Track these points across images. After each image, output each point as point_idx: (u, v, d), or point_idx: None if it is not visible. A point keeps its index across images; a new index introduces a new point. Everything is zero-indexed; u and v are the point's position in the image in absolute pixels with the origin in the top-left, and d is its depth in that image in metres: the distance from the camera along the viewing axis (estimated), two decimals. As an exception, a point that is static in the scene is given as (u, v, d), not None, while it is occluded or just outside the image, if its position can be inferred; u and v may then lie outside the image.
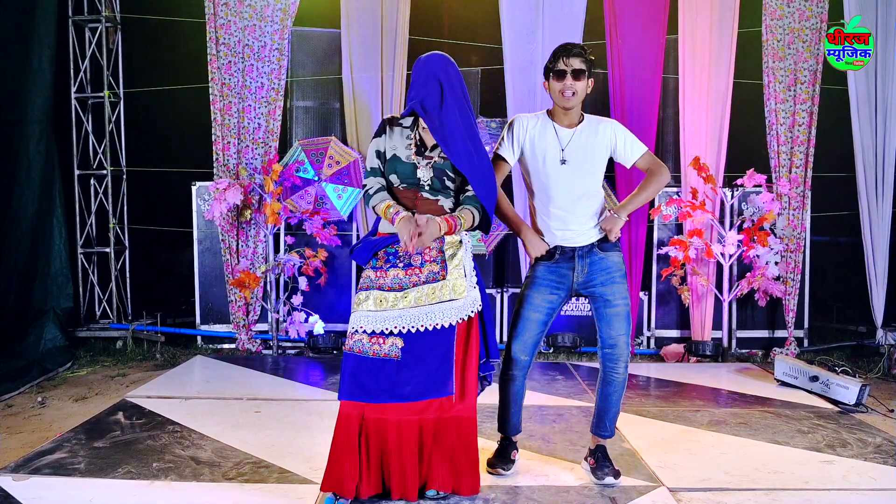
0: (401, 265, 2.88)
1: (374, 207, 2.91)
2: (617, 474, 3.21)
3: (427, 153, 2.92)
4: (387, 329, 2.82)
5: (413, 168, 2.89)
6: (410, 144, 2.92)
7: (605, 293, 3.13)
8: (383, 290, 2.86)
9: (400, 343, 2.82)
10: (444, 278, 2.88)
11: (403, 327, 2.82)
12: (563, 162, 3.11)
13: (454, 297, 2.87)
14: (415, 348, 2.82)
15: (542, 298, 3.17)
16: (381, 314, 2.83)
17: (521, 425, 3.35)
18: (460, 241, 2.97)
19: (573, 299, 5.92)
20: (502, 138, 3.22)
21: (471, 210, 2.92)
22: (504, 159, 3.18)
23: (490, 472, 3.25)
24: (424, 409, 2.85)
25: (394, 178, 2.92)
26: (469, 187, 2.94)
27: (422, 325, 2.82)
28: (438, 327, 2.84)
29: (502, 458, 3.30)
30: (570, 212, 3.13)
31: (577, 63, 3.05)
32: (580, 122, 3.17)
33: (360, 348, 2.83)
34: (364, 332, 2.83)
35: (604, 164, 3.19)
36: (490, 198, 2.94)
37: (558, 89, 3.07)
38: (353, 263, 6.05)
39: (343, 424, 2.85)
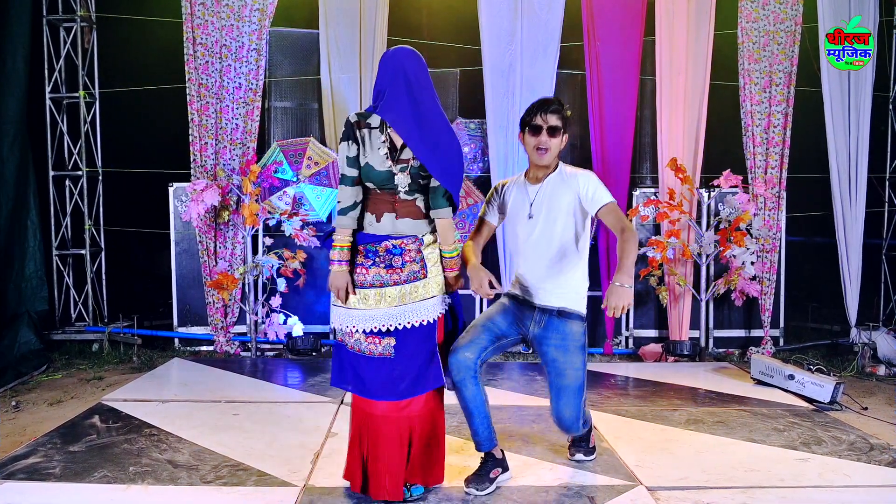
0: (382, 265, 2.92)
1: (335, 230, 2.96)
2: (590, 451, 3.44)
3: (400, 157, 2.90)
4: (379, 327, 2.89)
5: (389, 175, 2.88)
6: (382, 149, 2.88)
7: (558, 360, 3.09)
8: (364, 288, 2.91)
9: (393, 342, 2.90)
10: (424, 276, 2.94)
11: (398, 325, 2.89)
12: (530, 216, 3.13)
13: (435, 294, 2.96)
14: (405, 346, 2.90)
15: (500, 318, 3.19)
16: (368, 312, 2.90)
17: (491, 438, 3.12)
18: (435, 240, 3.02)
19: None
20: (486, 203, 3.32)
21: (446, 219, 2.95)
22: (487, 222, 3.30)
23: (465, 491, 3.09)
24: (412, 404, 2.93)
25: (370, 184, 2.93)
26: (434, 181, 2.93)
27: (409, 322, 2.89)
28: (425, 323, 2.91)
29: (477, 477, 3.10)
30: (536, 269, 3.15)
31: (553, 120, 3.06)
32: (551, 173, 3.16)
33: (359, 347, 2.92)
34: (363, 331, 2.91)
35: (571, 215, 3.11)
36: (456, 184, 2.92)
37: (533, 144, 3.10)
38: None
39: (356, 418, 3.00)
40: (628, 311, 6.11)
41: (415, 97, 2.79)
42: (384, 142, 2.88)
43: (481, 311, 6.10)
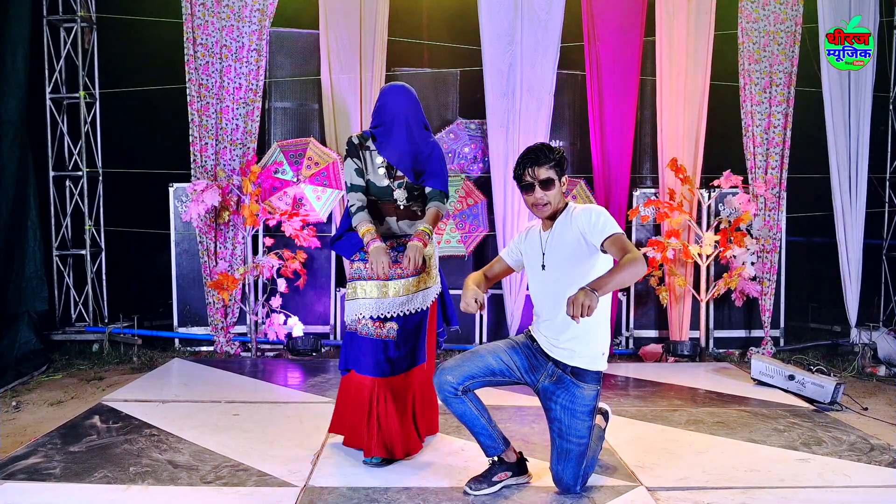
0: None
1: (355, 226, 3.41)
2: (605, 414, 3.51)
3: (396, 174, 3.44)
4: (385, 314, 3.40)
5: (389, 190, 3.45)
6: (381, 169, 3.43)
7: (563, 421, 3.00)
8: (373, 281, 3.41)
9: (395, 326, 3.41)
10: (423, 270, 3.47)
11: (399, 313, 3.41)
12: (543, 267, 3.02)
13: (431, 285, 3.51)
14: (405, 329, 3.43)
15: (506, 356, 3.05)
16: (375, 302, 3.40)
17: (495, 445, 3.08)
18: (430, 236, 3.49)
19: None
20: (510, 243, 3.28)
21: (436, 206, 3.45)
22: (501, 260, 3.29)
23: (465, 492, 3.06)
24: (410, 375, 3.46)
25: (373, 196, 3.47)
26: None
27: (409, 310, 3.43)
28: (420, 310, 3.47)
29: (478, 478, 3.08)
30: (552, 322, 3.01)
31: (543, 173, 2.90)
32: (559, 216, 3.01)
33: (366, 331, 3.40)
34: (370, 318, 3.40)
35: (584, 260, 2.92)
36: (444, 182, 3.47)
37: (530, 203, 2.98)
38: (332, 266, 6.05)
39: (358, 393, 3.41)
40: (627, 311, 6.19)
41: (412, 134, 3.40)
42: (382, 163, 3.43)
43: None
